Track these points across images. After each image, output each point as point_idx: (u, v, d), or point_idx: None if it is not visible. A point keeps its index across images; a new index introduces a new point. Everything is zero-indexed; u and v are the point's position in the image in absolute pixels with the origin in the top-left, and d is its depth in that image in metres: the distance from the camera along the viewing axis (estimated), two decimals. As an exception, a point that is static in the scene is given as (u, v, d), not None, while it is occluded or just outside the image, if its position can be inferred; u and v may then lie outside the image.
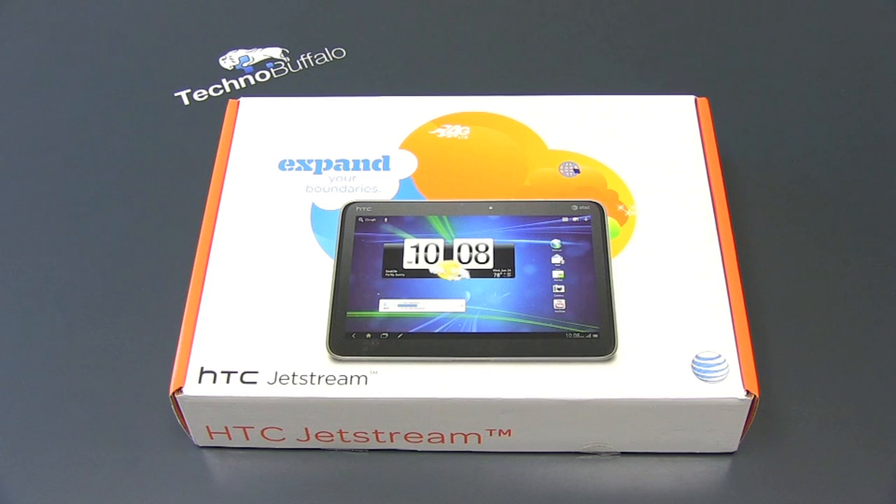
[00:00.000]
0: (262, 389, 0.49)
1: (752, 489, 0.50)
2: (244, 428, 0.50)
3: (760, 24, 0.72)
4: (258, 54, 0.70)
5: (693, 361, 0.49)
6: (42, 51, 0.72)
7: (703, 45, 0.71)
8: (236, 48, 0.71)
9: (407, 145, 0.58)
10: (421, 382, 0.49)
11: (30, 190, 0.63)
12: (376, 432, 0.50)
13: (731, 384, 0.48)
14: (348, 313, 0.51)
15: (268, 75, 0.70)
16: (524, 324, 0.50)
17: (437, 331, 0.50)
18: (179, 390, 0.49)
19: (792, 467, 0.51)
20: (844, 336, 0.55)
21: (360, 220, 0.54)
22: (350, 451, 0.51)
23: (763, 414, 0.49)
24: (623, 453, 0.51)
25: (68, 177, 0.64)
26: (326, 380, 0.49)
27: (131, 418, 0.53)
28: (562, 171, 0.56)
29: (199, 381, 0.49)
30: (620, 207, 0.55)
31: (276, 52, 0.71)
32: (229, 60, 0.70)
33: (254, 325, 0.51)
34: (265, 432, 0.50)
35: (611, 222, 0.54)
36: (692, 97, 0.59)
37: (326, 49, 0.71)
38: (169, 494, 0.51)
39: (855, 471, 0.51)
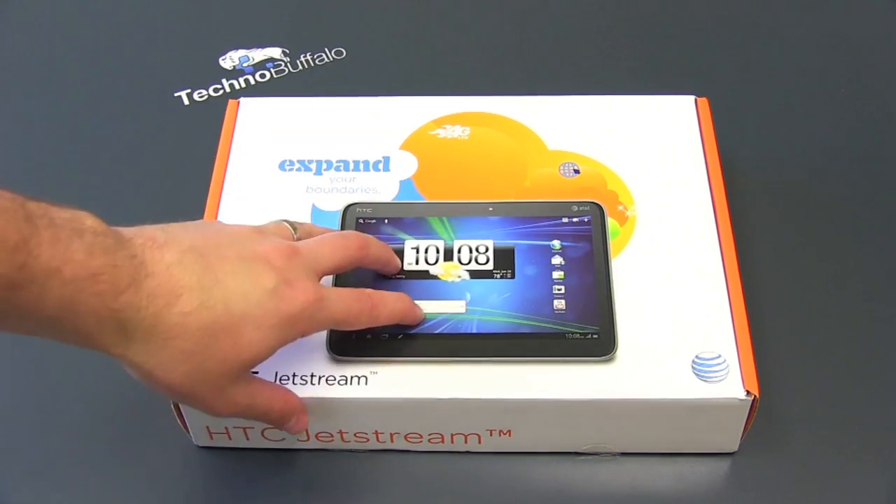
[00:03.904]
0: (263, 390, 0.49)
1: (752, 489, 0.50)
2: (244, 428, 0.50)
3: (760, 24, 0.72)
4: (258, 54, 0.70)
5: (693, 361, 0.49)
6: (42, 51, 0.72)
7: (703, 45, 0.71)
8: (236, 48, 0.71)
9: (407, 146, 0.58)
10: (421, 382, 0.49)
11: (30, 189, 0.63)
12: (376, 432, 0.50)
13: (732, 384, 0.48)
14: (348, 314, 0.51)
15: (268, 75, 0.70)
16: (524, 324, 0.50)
17: (437, 331, 0.50)
18: (180, 391, 0.49)
19: (792, 467, 0.51)
20: (844, 336, 0.55)
21: (361, 221, 0.54)
22: (350, 451, 0.51)
23: (763, 414, 0.49)
24: (623, 453, 0.51)
25: (68, 176, 0.64)
26: (326, 380, 0.49)
27: (131, 418, 0.53)
28: (562, 172, 0.56)
29: (200, 382, 0.49)
30: (620, 207, 0.55)
31: (276, 52, 0.71)
32: (229, 60, 0.70)
33: (254, 325, 0.51)
34: (265, 432, 0.50)
35: (611, 222, 0.54)
36: (692, 97, 0.59)
37: (326, 49, 0.71)
38: (169, 494, 0.51)
39: (854, 471, 0.51)
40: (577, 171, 0.56)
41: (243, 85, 0.69)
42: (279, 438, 0.51)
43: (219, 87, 0.69)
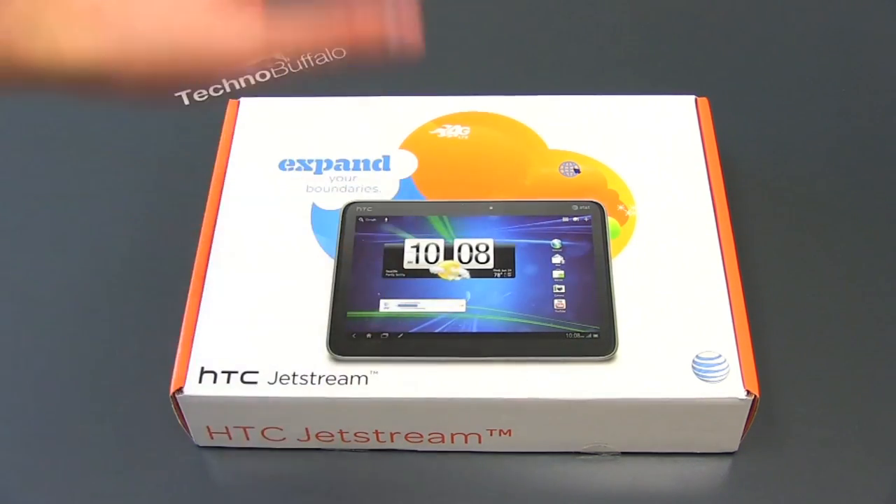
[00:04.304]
0: (263, 389, 0.49)
1: (752, 489, 0.50)
2: (244, 428, 0.50)
3: (760, 24, 0.72)
4: (258, 54, 0.70)
5: (693, 361, 0.49)
6: (42, 51, 0.72)
7: (703, 45, 0.71)
8: (236, 48, 0.71)
9: (407, 145, 0.58)
10: (421, 382, 0.49)
11: (30, 190, 0.63)
12: (376, 432, 0.50)
13: (732, 384, 0.48)
14: (349, 313, 0.51)
15: (268, 75, 0.69)
16: (524, 324, 0.50)
17: (437, 331, 0.50)
18: (180, 390, 0.49)
19: (792, 467, 0.51)
20: (845, 336, 0.55)
21: (361, 220, 0.54)
22: (350, 451, 0.51)
23: (763, 414, 0.49)
24: (623, 453, 0.51)
25: (68, 176, 0.64)
26: (327, 380, 0.49)
27: (131, 418, 0.53)
28: (562, 171, 0.56)
29: (200, 381, 0.49)
30: (620, 207, 0.55)
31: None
32: (229, 60, 0.70)
33: (254, 325, 0.51)
34: (265, 432, 0.50)
35: (611, 222, 0.54)
36: (692, 97, 0.59)
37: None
38: (169, 494, 0.51)
39: (855, 471, 0.51)
40: (577, 171, 0.56)
41: (243, 85, 0.69)
42: (279, 438, 0.51)
43: (219, 87, 0.69)
